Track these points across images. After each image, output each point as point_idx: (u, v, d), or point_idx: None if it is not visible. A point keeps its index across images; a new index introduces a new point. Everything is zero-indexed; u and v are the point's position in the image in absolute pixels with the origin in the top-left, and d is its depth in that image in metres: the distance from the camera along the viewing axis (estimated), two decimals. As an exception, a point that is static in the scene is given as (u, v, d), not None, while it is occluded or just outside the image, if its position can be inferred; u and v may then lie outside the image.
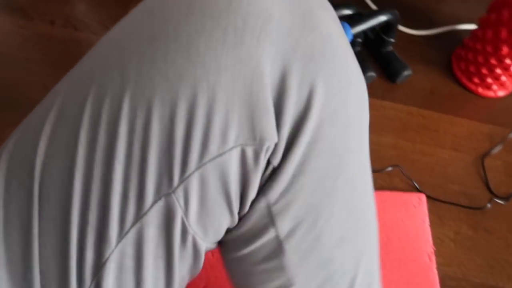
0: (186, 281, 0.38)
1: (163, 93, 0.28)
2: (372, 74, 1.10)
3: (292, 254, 0.34)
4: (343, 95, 0.32)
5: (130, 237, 0.31)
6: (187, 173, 0.30)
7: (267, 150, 0.31)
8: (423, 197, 0.95)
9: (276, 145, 0.31)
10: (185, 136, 0.29)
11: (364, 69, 1.08)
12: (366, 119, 0.36)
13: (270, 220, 0.33)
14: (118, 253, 0.31)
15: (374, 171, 0.98)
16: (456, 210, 0.95)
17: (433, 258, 0.86)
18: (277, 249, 0.34)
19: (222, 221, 0.34)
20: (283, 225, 0.34)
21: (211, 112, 0.29)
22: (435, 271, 0.85)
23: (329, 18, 0.31)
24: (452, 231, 0.92)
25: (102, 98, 0.30)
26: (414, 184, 0.97)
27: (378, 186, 0.96)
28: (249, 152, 0.31)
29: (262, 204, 0.33)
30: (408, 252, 0.86)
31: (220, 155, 0.30)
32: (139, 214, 0.31)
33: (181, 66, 0.28)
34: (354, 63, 0.34)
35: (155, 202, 0.30)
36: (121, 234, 0.31)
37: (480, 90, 1.15)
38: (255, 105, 0.29)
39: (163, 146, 0.29)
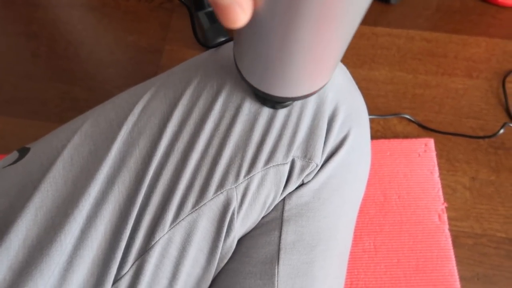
0: None
1: (251, 103, 0.36)
2: (358, -5, 0.89)
3: (284, 265, 0.36)
4: (360, 152, 0.40)
5: (183, 225, 0.33)
6: (252, 173, 0.34)
7: (310, 168, 0.36)
8: (430, 142, 0.77)
9: (316, 166, 0.37)
10: (260, 140, 0.35)
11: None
12: (366, 179, 0.43)
13: (279, 223, 0.37)
14: (165, 240, 0.33)
15: (369, 114, 0.80)
16: (472, 150, 0.76)
17: (445, 216, 0.70)
18: (274, 255, 0.36)
19: (254, 222, 0.38)
20: (288, 233, 0.37)
21: (284, 126, 0.35)
22: (447, 233, 0.69)
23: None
24: (467, 176, 0.74)
25: (195, 100, 0.36)
26: (418, 125, 0.79)
27: (373, 132, 0.78)
28: (298, 165, 0.36)
29: (279, 207, 0.38)
30: (412, 214, 0.70)
31: (282, 164, 0.35)
32: (198, 204, 0.34)
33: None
34: (369, 134, 0.43)
35: (216, 194, 0.34)
36: (176, 221, 0.33)
37: (500, -2, 0.92)
38: (315, 128, 0.36)
39: (239, 145, 0.35)
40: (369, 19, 0.92)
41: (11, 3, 1.00)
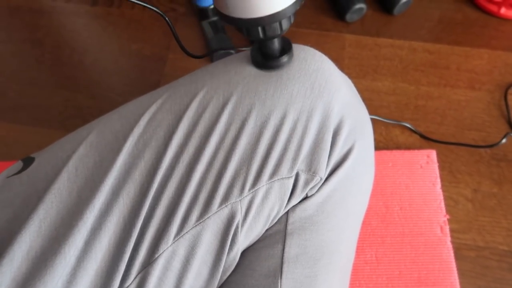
0: None
1: (257, 116, 0.35)
2: (361, 6, 0.89)
3: (287, 279, 0.36)
4: (364, 165, 0.41)
5: (187, 238, 0.33)
6: (257, 186, 0.34)
7: (314, 182, 0.36)
8: (432, 154, 0.77)
9: (320, 179, 0.37)
10: (265, 154, 0.35)
11: (352, 1, 0.88)
12: (370, 192, 0.44)
13: (282, 236, 0.37)
14: (169, 252, 0.33)
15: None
16: (474, 162, 0.76)
17: (447, 228, 0.70)
18: (277, 269, 0.36)
19: (258, 235, 0.38)
20: (291, 246, 0.37)
21: (290, 139, 0.35)
22: (449, 245, 0.68)
23: (365, 109, 0.43)
24: (470, 188, 0.74)
25: (201, 112, 0.36)
26: (420, 136, 0.79)
27: (375, 142, 0.78)
28: (302, 179, 0.36)
29: (282, 220, 0.38)
30: (414, 225, 0.70)
31: (287, 178, 0.35)
32: (203, 217, 0.33)
33: (277, 99, 0.36)
34: (373, 147, 0.44)
35: (221, 207, 0.34)
36: (180, 234, 0.33)
37: (503, 11, 0.92)
38: (320, 141, 0.36)
39: (244, 158, 0.35)
40: (372, 30, 0.92)
41: (16, 10, 1.01)
